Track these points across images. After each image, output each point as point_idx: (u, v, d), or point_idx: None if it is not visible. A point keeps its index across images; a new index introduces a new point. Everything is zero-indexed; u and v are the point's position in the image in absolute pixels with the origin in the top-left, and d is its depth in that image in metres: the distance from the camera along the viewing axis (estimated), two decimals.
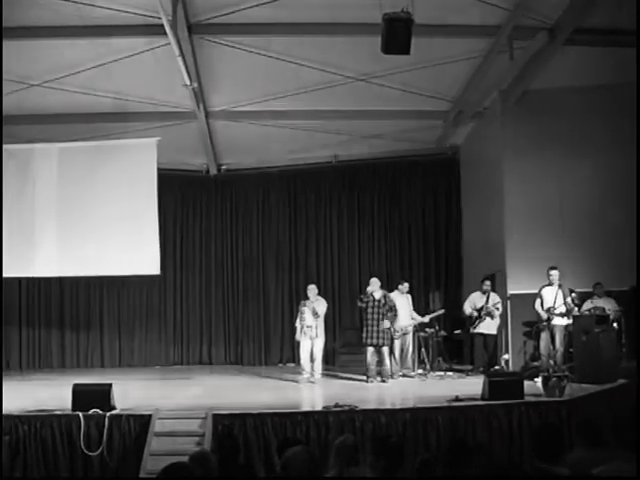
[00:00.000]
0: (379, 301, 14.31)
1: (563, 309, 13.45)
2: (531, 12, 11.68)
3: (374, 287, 14.50)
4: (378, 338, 14.18)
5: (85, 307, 19.28)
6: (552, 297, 13.53)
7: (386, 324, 14.24)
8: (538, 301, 13.77)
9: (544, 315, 13.57)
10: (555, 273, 13.62)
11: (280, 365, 18.92)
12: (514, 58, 12.77)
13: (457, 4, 11.41)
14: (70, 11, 11.07)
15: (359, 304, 14.62)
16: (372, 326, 14.22)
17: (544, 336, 13.63)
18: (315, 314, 14.45)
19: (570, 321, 13.57)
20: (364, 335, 14.36)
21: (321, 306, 14.66)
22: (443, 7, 11.38)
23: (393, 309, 14.40)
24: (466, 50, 13.09)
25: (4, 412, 10.22)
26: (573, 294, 13.62)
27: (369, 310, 14.28)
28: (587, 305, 14.11)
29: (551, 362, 12.93)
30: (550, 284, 13.65)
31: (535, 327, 14.01)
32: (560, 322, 13.52)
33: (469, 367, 15.35)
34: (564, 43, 12.31)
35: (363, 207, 19.59)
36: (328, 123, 16.48)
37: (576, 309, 13.75)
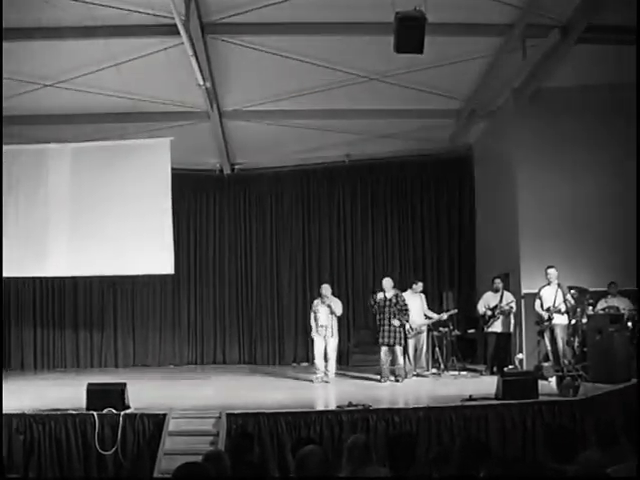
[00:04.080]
0: (390, 300, 14.31)
1: (563, 308, 13.39)
2: (543, 10, 11.66)
3: (386, 287, 14.50)
4: (390, 337, 14.19)
5: (99, 307, 19.31)
6: (552, 297, 13.47)
7: (396, 322, 14.23)
8: (538, 302, 13.74)
9: (545, 315, 13.53)
10: (552, 272, 13.56)
11: (294, 364, 18.93)
12: (527, 56, 12.75)
13: (470, 3, 11.38)
14: (82, 12, 11.10)
15: (372, 309, 14.66)
16: (384, 325, 14.23)
17: (546, 336, 13.60)
18: (332, 312, 14.46)
19: (573, 321, 13.57)
20: (378, 335, 14.38)
21: (338, 305, 14.69)
22: (456, 6, 11.33)
23: (404, 309, 14.38)
24: (479, 49, 13.07)
25: (16, 412, 10.30)
26: (572, 291, 13.57)
27: (381, 310, 14.29)
28: (601, 304, 14.03)
29: (565, 361, 12.89)
30: (549, 283, 13.60)
31: (538, 327, 13.96)
32: (561, 321, 13.46)
33: (483, 366, 15.33)
34: (576, 41, 12.28)
35: (376, 206, 19.56)
36: (341, 122, 16.46)
37: (589, 309, 13.70)
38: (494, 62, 13.55)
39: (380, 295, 14.37)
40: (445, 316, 15.43)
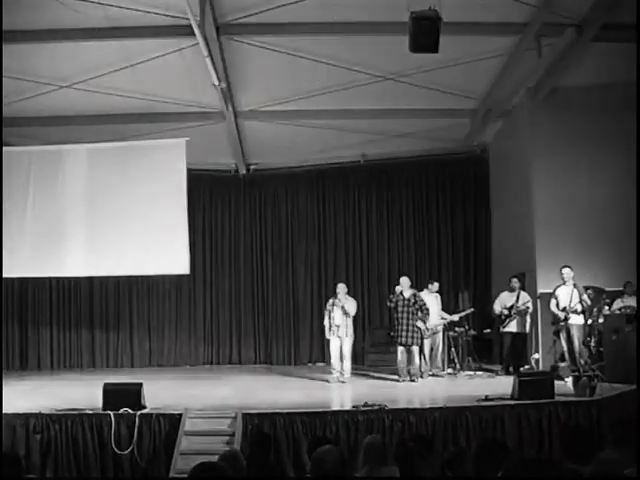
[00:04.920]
0: (409, 300, 14.28)
1: (579, 308, 13.33)
2: (558, 9, 11.61)
3: (404, 286, 14.48)
4: (407, 337, 14.16)
5: (115, 307, 19.37)
6: (567, 296, 13.41)
7: (420, 325, 14.23)
8: (553, 301, 13.68)
9: (561, 315, 13.48)
10: (567, 272, 13.49)
11: (309, 364, 18.93)
12: (542, 55, 12.72)
13: (484, 2, 11.36)
14: (98, 13, 11.15)
15: (388, 304, 14.62)
16: (402, 325, 14.20)
17: (562, 336, 13.55)
18: (345, 313, 14.42)
19: (590, 321, 13.50)
20: (394, 334, 14.35)
21: (351, 305, 14.64)
22: (470, 5, 11.33)
23: (423, 308, 14.35)
24: (494, 48, 13.04)
25: (33, 411, 10.35)
26: (589, 291, 13.51)
27: (399, 309, 14.26)
28: (617, 304, 13.96)
29: (581, 361, 12.84)
30: (564, 283, 13.54)
31: (554, 327, 13.90)
32: (577, 321, 13.40)
33: (499, 367, 15.28)
34: (592, 39, 12.22)
35: (392, 206, 19.53)
36: (356, 122, 16.44)
37: (605, 309, 13.64)
38: (509, 61, 13.50)
39: (405, 294, 14.32)
40: (456, 317, 15.43)
